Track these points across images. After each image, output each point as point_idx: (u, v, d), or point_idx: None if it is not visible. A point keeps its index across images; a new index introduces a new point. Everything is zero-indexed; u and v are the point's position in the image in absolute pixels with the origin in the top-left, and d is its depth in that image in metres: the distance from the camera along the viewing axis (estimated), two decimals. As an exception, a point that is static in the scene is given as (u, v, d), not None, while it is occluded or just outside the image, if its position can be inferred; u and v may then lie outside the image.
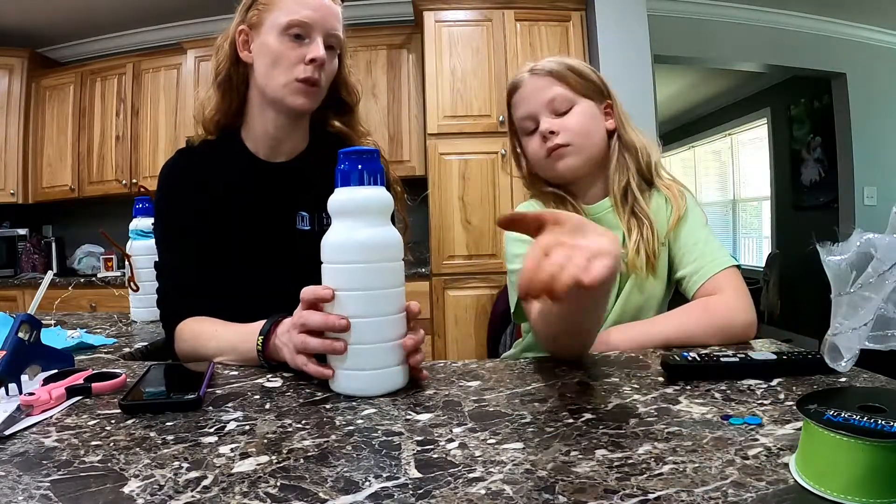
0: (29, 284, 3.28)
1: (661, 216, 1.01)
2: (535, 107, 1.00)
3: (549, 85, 0.99)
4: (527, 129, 1.02)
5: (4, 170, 3.53)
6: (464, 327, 2.84)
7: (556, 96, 0.99)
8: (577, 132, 0.98)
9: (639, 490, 0.40)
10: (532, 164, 1.05)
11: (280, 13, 0.93)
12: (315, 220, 1.03)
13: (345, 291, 0.65)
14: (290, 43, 0.93)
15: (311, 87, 0.95)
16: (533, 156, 1.03)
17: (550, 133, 0.98)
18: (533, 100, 1.00)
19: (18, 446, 0.52)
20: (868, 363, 0.60)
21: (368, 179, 0.66)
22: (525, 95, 1.01)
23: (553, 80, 1.00)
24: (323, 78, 0.96)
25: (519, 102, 1.03)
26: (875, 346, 0.46)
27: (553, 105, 0.99)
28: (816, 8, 3.75)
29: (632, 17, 2.84)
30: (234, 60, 0.98)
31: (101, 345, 1.02)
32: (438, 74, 2.88)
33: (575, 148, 0.98)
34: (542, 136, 0.99)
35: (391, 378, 0.66)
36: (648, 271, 0.97)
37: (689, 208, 1.01)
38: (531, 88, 1.01)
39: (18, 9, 3.33)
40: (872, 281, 0.45)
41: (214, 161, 1.01)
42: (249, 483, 0.43)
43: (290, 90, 0.94)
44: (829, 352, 0.50)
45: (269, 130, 1.00)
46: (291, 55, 0.93)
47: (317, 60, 0.93)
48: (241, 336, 0.80)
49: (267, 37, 0.94)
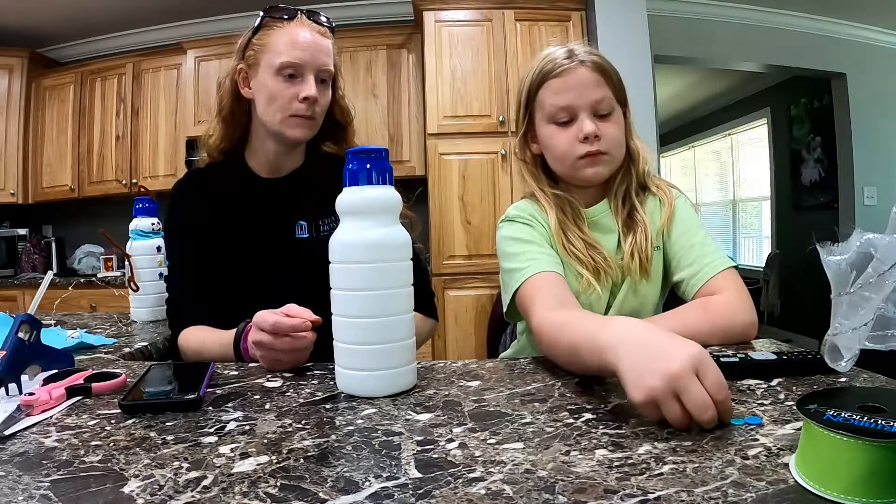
0: (29, 284, 3.28)
1: (656, 218, 1.00)
2: (579, 101, 0.94)
3: (599, 83, 0.95)
4: (559, 119, 0.96)
5: (4, 170, 3.53)
6: (464, 327, 2.84)
7: (605, 98, 0.95)
8: (615, 142, 0.96)
9: (639, 490, 0.40)
10: (553, 156, 0.99)
11: (273, 55, 1.01)
12: (313, 227, 1.11)
13: (353, 291, 0.65)
14: (285, 83, 1.01)
15: (307, 120, 1.03)
16: (560, 149, 0.97)
17: (595, 137, 0.94)
18: (579, 93, 0.94)
19: (18, 446, 0.52)
20: (868, 363, 0.60)
21: (377, 179, 0.66)
22: (570, 85, 0.94)
23: (602, 78, 0.95)
24: (318, 111, 1.04)
25: (560, 90, 0.95)
26: (875, 346, 0.46)
27: (598, 106, 0.95)
28: (816, 8, 3.75)
29: (632, 17, 2.84)
30: (235, 96, 1.07)
31: (101, 345, 1.02)
32: (438, 74, 2.88)
33: (610, 158, 0.96)
34: (584, 136, 0.93)
35: (399, 379, 0.66)
36: (642, 275, 0.96)
37: (683, 209, 1.01)
38: (579, 80, 0.94)
39: (18, 9, 3.33)
40: (872, 281, 0.45)
41: (220, 181, 1.11)
42: (249, 483, 0.43)
43: (287, 125, 1.03)
44: (829, 352, 0.50)
45: (269, 156, 1.10)
46: (286, 94, 1.01)
47: (309, 98, 1.01)
48: (222, 347, 0.90)
49: (264, 76, 1.03)
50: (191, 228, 1.08)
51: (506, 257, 0.98)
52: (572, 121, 0.95)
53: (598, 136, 0.94)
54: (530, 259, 0.92)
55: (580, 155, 0.95)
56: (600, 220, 1.00)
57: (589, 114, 0.94)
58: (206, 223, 1.07)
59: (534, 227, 0.98)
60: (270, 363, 0.78)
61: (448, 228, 2.85)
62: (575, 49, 0.97)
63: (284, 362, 0.77)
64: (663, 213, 1.00)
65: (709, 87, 5.56)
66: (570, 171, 0.98)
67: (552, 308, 0.82)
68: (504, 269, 0.98)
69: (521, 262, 0.92)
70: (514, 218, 1.01)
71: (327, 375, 0.73)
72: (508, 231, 0.99)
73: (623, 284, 0.98)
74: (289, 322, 0.73)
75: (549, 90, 0.97)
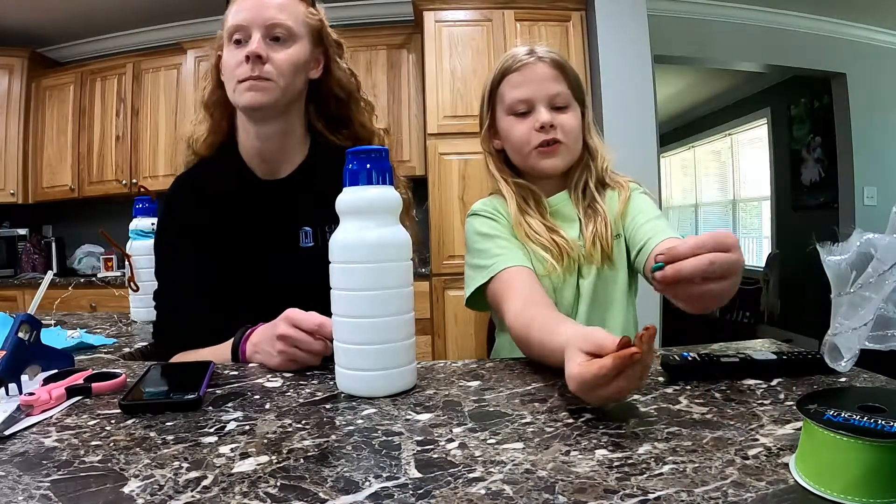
0: (29, 284, 3.28)
1: (615, 206, 1.04)
2: (537, 94, 0.99)
3: (556, 78, 0.99)
4: (517, 110, 1.01)
5: (4, 170, 3.53)
6: (464, 327, 2.84)
7: (561, 93, 0.99)
8: (571, 133, 1.00)
9: (639, 490, 0.40)
10: (511, 147, 1.04)
11: (226, 24, 0.95)
12: (318, 234, 1.01)
13: (353, 291, 0.65)
14: (234, 50, 0.94)
15: (255, 81, 0.92)
16: (517, 140, 1.01)
17: (551, 127, 0.98)
18: (536, 86, 0.99)
19: (18, 446, 0.52)
20: (868, 363, 0.60)
21: (377, 179, 0.66)
22: (528, 78, 1.00)
23: (559, 74, 1.00)
24: (270, 70, 0.92)
25: (519, 83, 1.00)
26: (875, 346, 0.46)
27: (555, 100, 0.99)
28: (816, 8, 3.75)
29: (632, 17, 2.83)
30: (217, 83, 1.01)
31: (101, 345, 1.02)
32: (438, 74, 2.88)
33: (566, 148, 1.00)
34: (540, 125, 0.98)
35: (399, 378, 0.66)
36: (605, 261, 1.00)
37: (639, 197, 1.05)
38: (537, 74, 0.99)
39: (18, 9, 3.33)
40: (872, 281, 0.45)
41: (213, 184, 1.01)
42: (249, 483, 0.43)
43: (238, 92, 0.93)
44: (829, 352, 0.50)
45: (255, 143, 0.99)
46: (232, 61, 0.93)
47: (250, 56, 0.91)
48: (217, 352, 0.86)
49: (224, 53, 0.96)
50: (186, 236, 0.98)
51: (472, 252, 1.01)
52: (530, 112, 1.00)
53: (554, 126, 0.98)
54: (495, 256, 0.95)
55: (536, 144, 0.99)
56: (561, 209, 1.04)
57: (546, 105, 0.99)
58: (199, 235, 0.98)
59: (497, 221, 1.02)
60: (283, 362, 0.76)
61: (448, 228, 2.85)
62: (536, 48, 1.02)
63: (299, 363, 0.76)
64: (621, 200, 1.04)
65: (709, 88, 5.55)
66: (528, 162, 1.02)
67: (520, 310, 0.83)
68: (469, 263, 1.01)
69: (487, 259, 0.96)
70: (478, 212, 1.05)
71: (327, 375, 0.73)
72: (474, 225, 1.03)
73: (590, 274, 1.01)
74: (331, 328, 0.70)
75: (508, 84, 1.02)
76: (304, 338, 0.74)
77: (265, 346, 0.78)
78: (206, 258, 0.97)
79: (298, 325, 0.74)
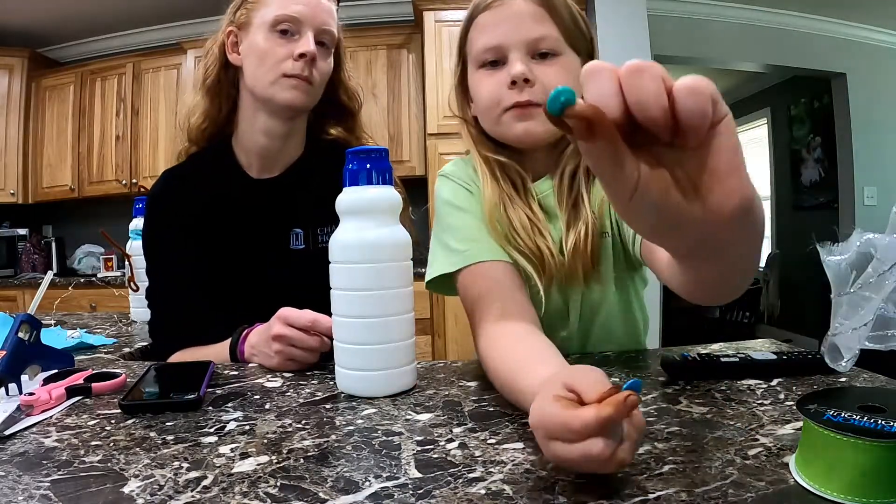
0: (29, 284, 3.28)
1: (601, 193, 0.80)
2: (511, 38, 0.74)
3: (539, 17, 0.74)
4: (483, 61, 0.77)
5: (4, 170, 3.53)
6: (464, 327, 2.81)
7: (546, 36, 0.74)
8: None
9: (639, 490, 0.40)
10: (479, 110, 0.80)
11: (268, 9, 0.90)
12: (310, 237, 0.98)
13: (353, 291, 0.65)
14: (279, 39, 0.89)
15: (302, 81, 0.89)
16: (485, 100, 0.77)
17: (525, 81, 0.73)
18: (512, 28, 0.74)
19: (18, 446, 0.52)
20: (868, 363, 0.60)
21: (377, 179, 0.66)
22: (500, 19, 0.75)
23: (545, 12, 0.74)
24: (316, 76, 0.91)
25: (489, 24, 0.76)
26: (875, 346, 0.46)
27: (536, 45, 0.74)
28: (816, 8, 3.75)
29: (632, 17, 2.84)
30: (223, 64, 0.95)
31: (101, 345, 1.02)
32: (438, 74, 2.88)
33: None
34: (512, 80, 0.73)
35: (399, 379, 0.66)
36: (589, 279, 0.79)
37: None
38: (513, 12, 0.74)
39: (18, 9, 3.33)
40: (872, 281, 0.45)
41: (203, 181, 0.97)
42: (249, 483, 0.43)
43: (279, 87, 0.89)
44: (829, 352, 0.50)
45: (261, 139, 0.95)
46: (279, 52, 0.88)
47: (307, 55, 0.88)
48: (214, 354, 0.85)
49: (255, 35, 0.90)
50: (175, 232, 0.95)
51: (441, 225, 0.82)
52: (503, 63, 0.76)
53: (530, 81, 0.73)
54: (470, 240, 0.76)
55: (508, 105, 0.74)
56: (545, 201, 0.81)
57: (522, 54, 0.74)
58: (187, 235, 0.95)
59: (472, 194, 0.82)
60: (281, 362, 0.76)
61: (448, 228, 2.85)
62: None
63: (297, 362, 0.76)
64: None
65: (709, 87, 5.55)
66: (498, 129, 0.78)
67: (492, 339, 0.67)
68: (437, 236, 0.82)
69: (459, 241, 0.77)
70: (451, 175, 0.85)
71: (327, 375, 0.73)
72: (445, 191, 0.84)
73: (574, 292, 0.81)
74: (327, 323, 0.70)
75: (477, 28, 0.78)
76: (299, 335, 0.74)
77: (262, 348, 0.79)
78: (197, 254, 0.95)
79: (292, 323, 0.74)
